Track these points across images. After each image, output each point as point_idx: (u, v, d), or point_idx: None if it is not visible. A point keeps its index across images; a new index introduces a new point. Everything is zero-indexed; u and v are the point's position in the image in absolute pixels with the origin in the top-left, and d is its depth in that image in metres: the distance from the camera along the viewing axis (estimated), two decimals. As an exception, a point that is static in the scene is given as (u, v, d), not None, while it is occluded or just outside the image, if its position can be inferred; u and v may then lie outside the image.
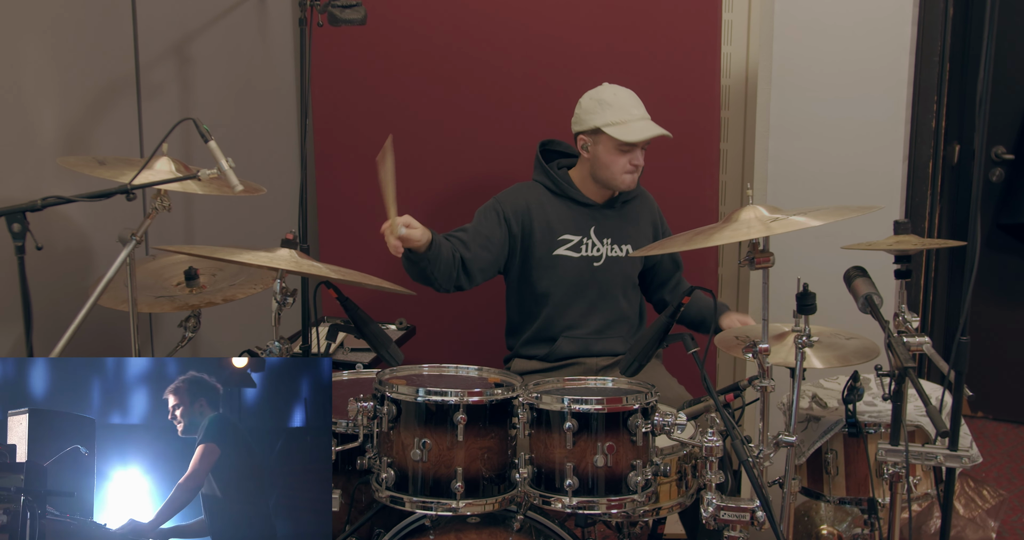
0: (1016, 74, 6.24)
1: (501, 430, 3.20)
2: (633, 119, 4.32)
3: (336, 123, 5.41)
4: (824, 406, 4.06)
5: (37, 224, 3.16)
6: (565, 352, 4.48)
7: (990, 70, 3.28)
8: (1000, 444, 6.35)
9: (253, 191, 3.69)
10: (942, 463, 3.46)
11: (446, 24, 5.23)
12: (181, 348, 3.97)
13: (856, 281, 3.52)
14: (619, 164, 4.35)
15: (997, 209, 6.42)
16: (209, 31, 4.74)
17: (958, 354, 3.37)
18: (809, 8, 5.05)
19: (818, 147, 5.12)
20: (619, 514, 3.34)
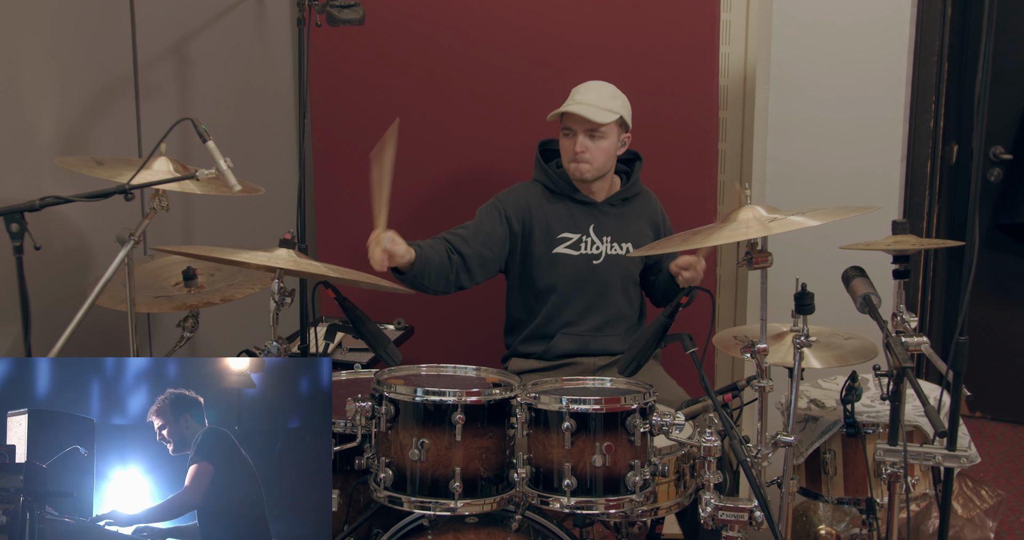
0: (1014, 74, 6.24)
1: (499, 430, 3.20)
2: (572, 103, 4.36)
3: (334, 123, 5.42)
4: (822, 406, 4.07)
5: (35, 224, 3.16)
6: (562, 350, 4.48)
7: (988, 70, 3.28)
8: (998, 444, 6.35)
9: (251, 191, 3.69)
10: (940, 463, 3.46)
11: (444, 24, 5.23)
12: (179, 348, 3.97)
13: (854, 281, 3.52)
14: (565, 151, 4.41)
15: (995, 209, 6.42)
16: (207, 31, 4.73)
17: (956, 354, 3.37)
18: (807, 8, 5.05)
19: (816, 147, 5.13)
20: (617, 514, 3.35)
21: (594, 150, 4.34)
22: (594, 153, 4.34)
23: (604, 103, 4.33)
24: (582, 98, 4.35)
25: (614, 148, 4.39)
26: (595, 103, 4.32)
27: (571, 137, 4.35)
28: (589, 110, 4.28)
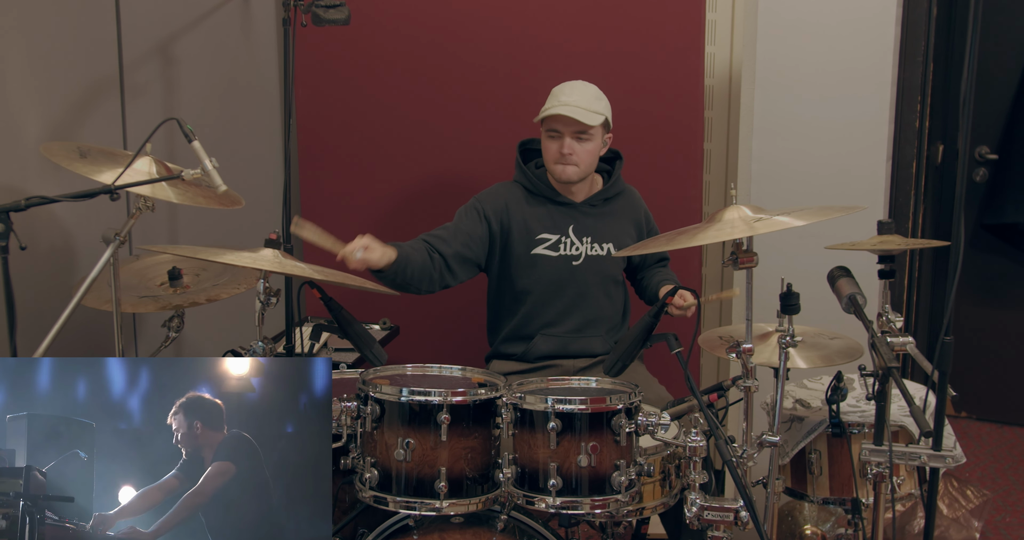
0: (1000, 74, 6.26)
1: (485, 430, 3.20)
2: (557, 104, 4.33)
3: (320, 123, 5.41)
4: (808, 406, 4.07)
5: (21, 224, 3.15)
6: (542, 351, 4.48)
7: (974, 70, 3.29)
8: (984, 444, 6.37)
9: (233, 203, 3.68)
10: (926, 463, 3.47)
11: (430, 24, 5.23)
12: (165, 348, 3.96)
13: (840, 281, 3.52)
14: (549, 152, 4.37)
15: (981, 209, 6.43)
16: (193, 31, 4.73)
17: (942, 354, 3.38)
18: (793, 8, 5.05)
19: (802, 147, 5.13)
20: (603, 514, 3.34)
21: (580, 152, 4.33)
22: (581, 155, 4.33)
23: (590, 104, 4.32)
24: (568, 100, 4.33)
25: (599, 149, 4.39)
26: (582, 105, 4.31)
27: (557, 139, 4.33)
28: (578, 112, 4.27)
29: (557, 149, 4.33)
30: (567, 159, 4.33)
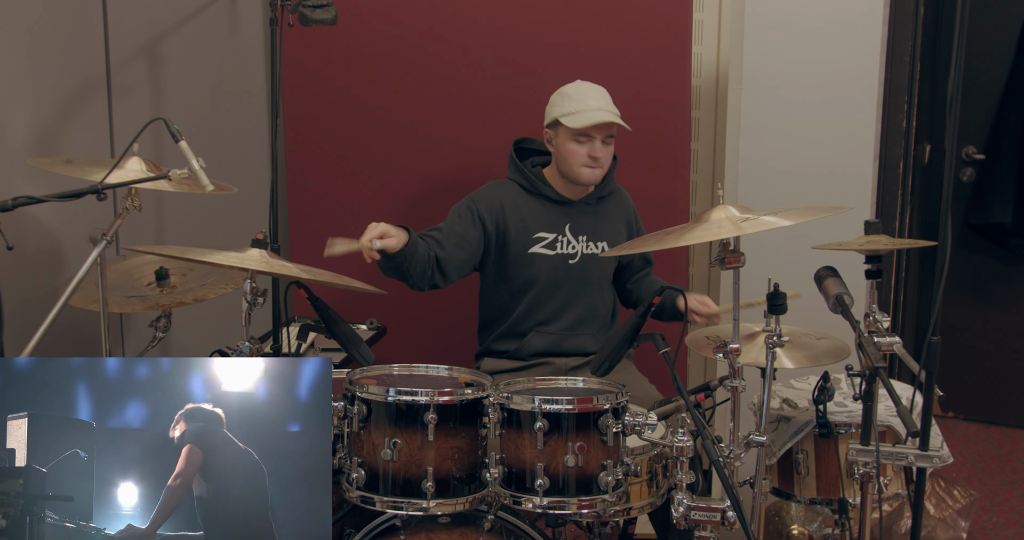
0: (986, 74, 6.27)
1: (472, 430, 3.20)
2: (588, 109, 4.32)
3: (307, 123, 5.40)
4: (795, 406, 4.07)
5: (7, 224, 3.14)
6: (535, 348, 4.49)
7: (961, 70, 3.30)
8: (971, 444, 6.38)
9: (224, 190, 3.68)
10: (913, 463, 3.47)
11: (417, 24, 5.22)
12: (152, 348, 3.96)
13: (827, 281, 3.53)
14: (576, 156, 4.34)
15: (968, 209, 6.45)
16: (180, 31, 4.72)
17: (929, 354, 3.38)
18: (780, 8, 5.05)
19: (789, 147, 5.13)
20: (590, 514, 3.35)
21: (607, 155, 4.37)
22: (606, 158, 4.38)
23: (612, 106, 4.36)
24: (597, 104, 4.34)
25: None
26: (608, 108, 4.35)
27: (586, 143, 4.32)
28: (615, 117, 4.31)
29: (586, 153, 4.33)
30: (597, 162, 4.34)
